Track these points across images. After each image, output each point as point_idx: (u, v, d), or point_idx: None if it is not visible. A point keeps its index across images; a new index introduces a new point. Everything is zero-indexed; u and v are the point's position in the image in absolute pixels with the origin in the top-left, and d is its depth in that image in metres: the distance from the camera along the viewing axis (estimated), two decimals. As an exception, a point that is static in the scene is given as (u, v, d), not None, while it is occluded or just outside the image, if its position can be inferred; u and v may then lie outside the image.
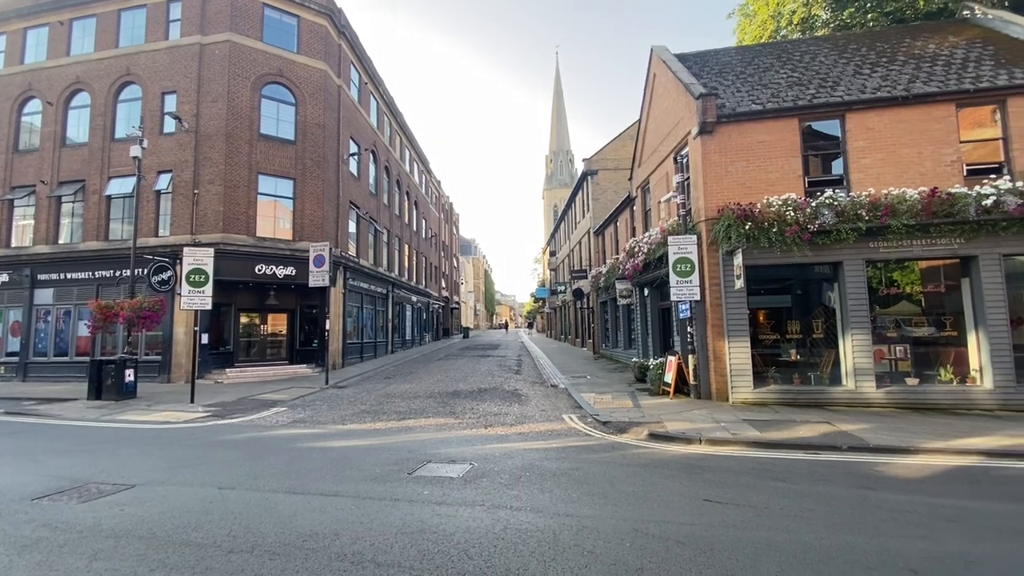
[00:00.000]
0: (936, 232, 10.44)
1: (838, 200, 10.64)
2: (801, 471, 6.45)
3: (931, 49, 12.80)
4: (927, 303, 11.41)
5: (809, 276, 11.98)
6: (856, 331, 10.70)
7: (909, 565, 3.79)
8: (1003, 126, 10.95)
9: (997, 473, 6.36)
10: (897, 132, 11.17)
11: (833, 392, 10.77)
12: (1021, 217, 9.96)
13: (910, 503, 5.24)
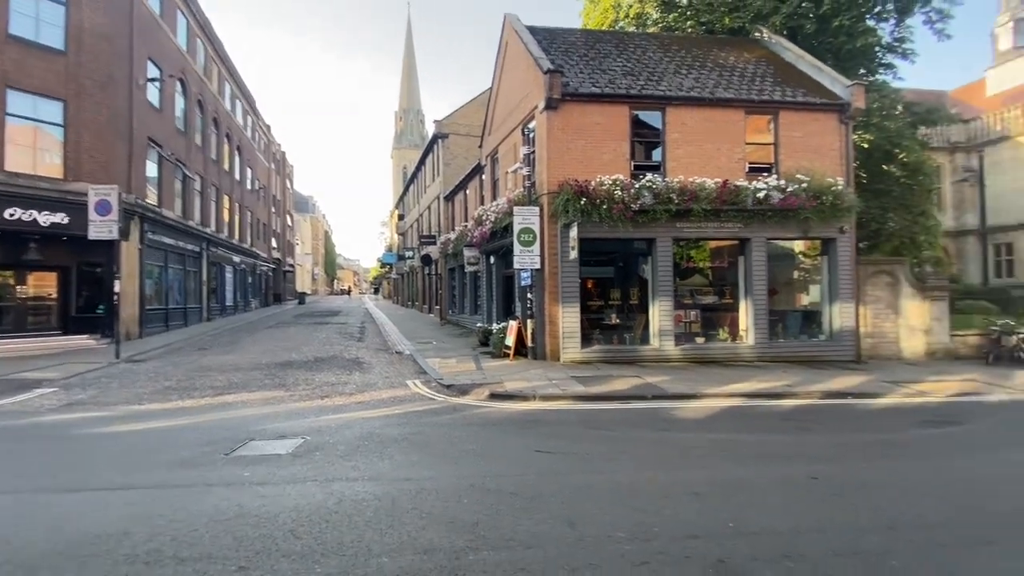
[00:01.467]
0: (725, 217, 12.56)
1: (656, 184, 12.09)
2: (617, 419, 7.38)
3: (731, 61, 15.09)
4: (714, 276, 13.81)
5: (630, 250, 13.53)
6: (662, 299, 12.47)
7: (694, 489, 4.60)
8: (775, 134, 13.51)
9: (754, 411, 8.08)
10: (704, 129, 13.03)
11: (643, 350, 12.48)
12: (782, 209, 12.50)
13: (696, 439, 6.37)
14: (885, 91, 17.54)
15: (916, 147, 17.60)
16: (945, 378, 10.64)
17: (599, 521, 3.86)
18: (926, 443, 6.39)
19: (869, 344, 13.39)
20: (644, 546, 3.48)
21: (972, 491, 4.70)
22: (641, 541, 3.55)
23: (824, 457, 5.69)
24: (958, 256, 26.50)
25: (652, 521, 3.90)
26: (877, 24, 17.95)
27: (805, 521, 3.96)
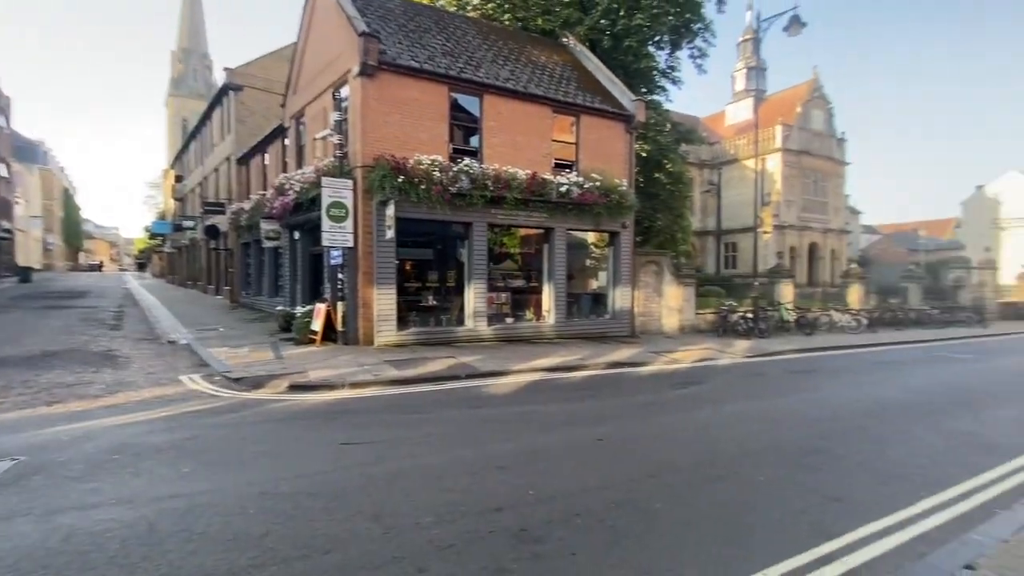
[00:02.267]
0: (533, 207, 13.48)
1: (473, 169, 12.31)
2: (431, 401, 7.34)
3: (543, 60, 16.14)
4: (523, 261, 14.80)
5: (448, 233, 13.60)
6: (477, 282, 12.87)
7: (500, 463, 4.80)
8: (577, 135, 14.95)
9: (554, 383, 8.89)
10: (516, 120, 13.69)
11: (459, 331, 12.74)
12: (580, 203, 13.94)
13: (504, 414, 6.71)
14: (659, 110, 20.90)
15: (679, 160, 21.50)
16: (691, 348, 13.31)
17: (406, 510, 3.74)
18: (679, 401, 7.86)
19: (641, 321, 15.98)
20: (451, 527, 3.48)
21: (708, 437, 5.91)
22: (448, 523, 3.54)
23: (607, 420, 6.54)
24: (701, 251, 33.42)
25: (460, 500, 3.93)
26: (656, 51, 21.19)
27: (592, 479, 4.45)
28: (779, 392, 8.63)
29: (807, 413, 7.09)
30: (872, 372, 10.70)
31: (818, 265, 32.68)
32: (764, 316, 16.97)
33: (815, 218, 32.54)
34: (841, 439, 5.85)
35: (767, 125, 30.34)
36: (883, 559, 3.27)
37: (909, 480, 4.60)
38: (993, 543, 3.30)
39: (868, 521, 3.75)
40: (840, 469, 4.89)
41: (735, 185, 32.39)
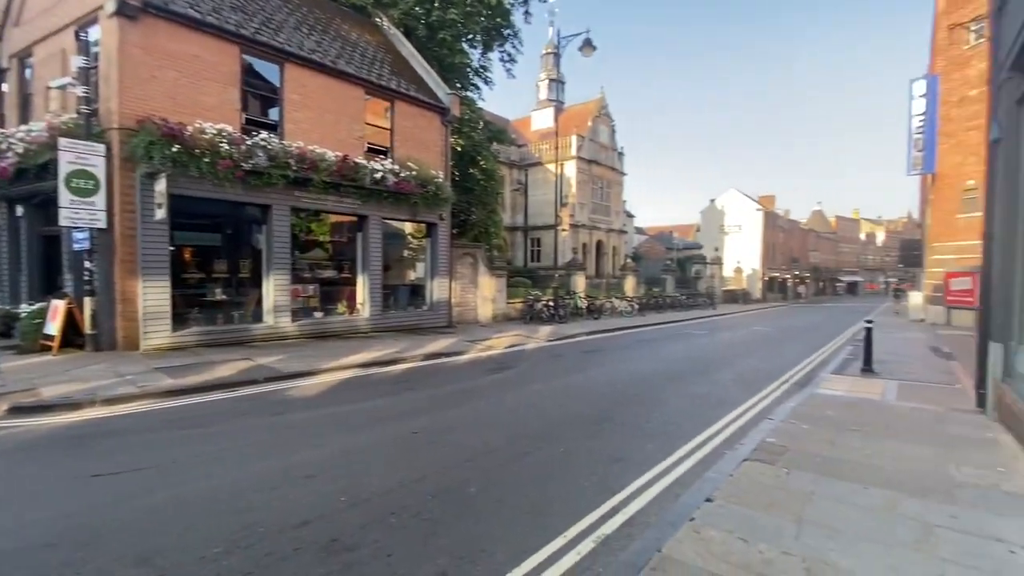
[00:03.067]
0: (344, 192, 12.67)
1: (272, 145, 10.99)
2: (220, 412, 6.35)
3: (354, 37, 15.19)
4: (334, 251, 13.82)
5: (242, 216, 11.89)
6: (278, 272, 11.58)
7: (309, 472, 4.40)
8: (392, 120, 14.50)
9: (369, 379, 8.53)
10: (325, 98, 12.65)
11: (255, 329, 11.30)
12: (396, 192, 13.59)
13: (312, 418, 6.17)
14: (473, 107, 21.60)
15: (491, 158, 22.57)
16: (503, 335, 14.18)
17: (188, 543, 3.16)
18: (492, 386, 8.30)
19: (457, 312, 16.42)
20: (246, 554, 3.06)
21: (518, 417, 6.36)
22: (243, 549, 3.11)
23: (423, 411, 6.54)
24: (512, 245, 35.81)
25: (259, 520, 3.49)
26: (470, 49, 21.80)
27: (408, 474, 4.40)
28: (575, 370, 9.77)
29: (595, 387, 8.18)
30: (641, 348, 12.89)
31: (603, 260, 37.96)
32: (563, 304, 19.05)
33: (601, 219, 37.67)
34: (620, 407, 6.89)
35: (565, 134, 33.90)
36: (652, 504, 3.95)
37: (668, 436, 5.66)
38: (723, 478, 4.27)
39: (641, 475, 4.50)
40: (620, 433, 5.76)
41: (540, 186, 35.48)
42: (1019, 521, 3.51)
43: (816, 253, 64.45)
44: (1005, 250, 5.79)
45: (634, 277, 28.45)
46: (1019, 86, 5.40)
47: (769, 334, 17.32)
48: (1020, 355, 5.57)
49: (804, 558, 3.01)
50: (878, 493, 3.97)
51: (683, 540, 3.20)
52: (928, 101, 18.63)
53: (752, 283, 45.50)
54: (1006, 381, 5.79)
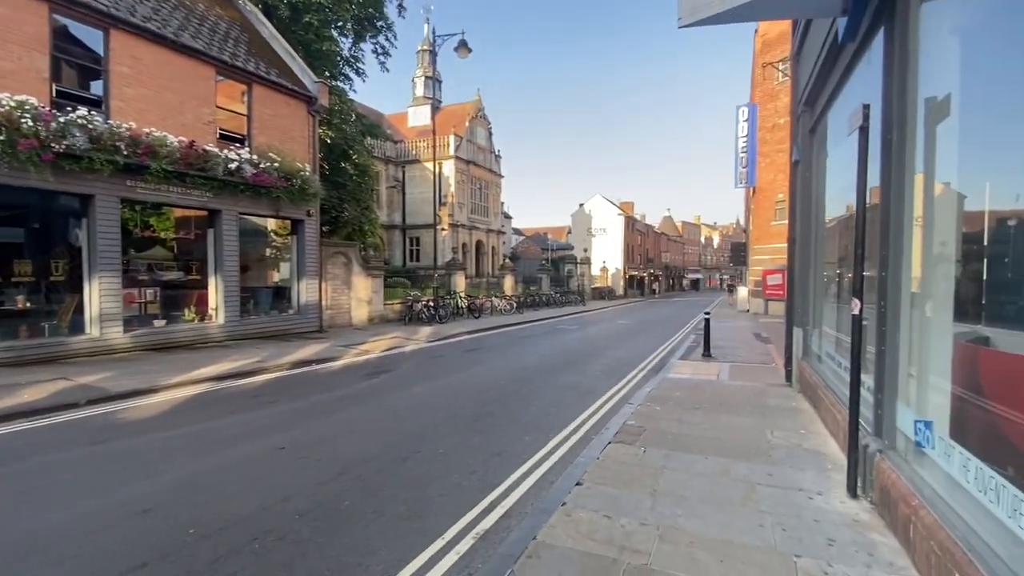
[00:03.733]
0: (192, 183, 11.20)
1: (96, 124, 9.32)
2: (26, 445, 5.22)
3: (201, 9, 13.48)
4: (179, 249, 12.15)
5: (54, 207, 9.90)
6: (106, 274, 9.87)
7: (145, 506, 3.81)
8: (249, 106, 13.15)
9: (224, 393, 7.64)
10: (165, 74, 11.04)
11: (74, 342, 9.49)
12: (255, 184, 12.36)
13: (149, 443, 5.35)
14: (344, 98, 20.49)
15: (365, 153, 21.63)
16: (381, 337, 13.69)
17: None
18: (368, 391, 7.96)
19: (329, 315, 15.46)
20: (63, 612, 2.56)
21: (397, 421, 6.19)
22: (58, 607, 2.60)
23: (291, 424, 6.05)
24: (389, 244, 34.72)
25: (81, 568, 2.94)
26: (340, 37, 20.63)
27: (272, 495, 4.04)
28: (454, 369, 9.80)
29: (477, 385, 8.29)
30: (519, 344, 13.38)
31: (483, 259, 38.61)
32: (443, 304, 18.97)
33: (481, 219, 38.26)
34: (500, 402, 7.08)
35: (443, 133, 33.78)
36: (529, 494, 4.12)
37: (542, 428, 5.95)
38: (591, 461, 4.61)
39: (518, 467, 4.67)
40: (500, 428, 5.92)
41: (418, 184, 34.89)
42: (813, 473, 4.32)
43: (667, 254, 72.54)
44: (803, 252, 7.09)
45: (512, 276, 29.36)
46: (810, 118, 6.63)
47: (630, 327, 19.08)
48: (814, 337, 6.86)
49: (658, 526, 3.38)
50: (715, 461, 4.60)
51: (556, 525, 3.40)
52: (750, 125, 22.02)
53: (616, 281, 49.71)
54: (804, 359, 7.09)
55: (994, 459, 2.47)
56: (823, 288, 6.74)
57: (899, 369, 3.49)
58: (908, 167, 3.41)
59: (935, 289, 3.26)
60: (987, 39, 2.90)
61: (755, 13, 4.08)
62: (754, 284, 25.33)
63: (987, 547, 2.32)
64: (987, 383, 2.78)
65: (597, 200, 55.02)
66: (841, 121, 4.93)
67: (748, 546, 3.13)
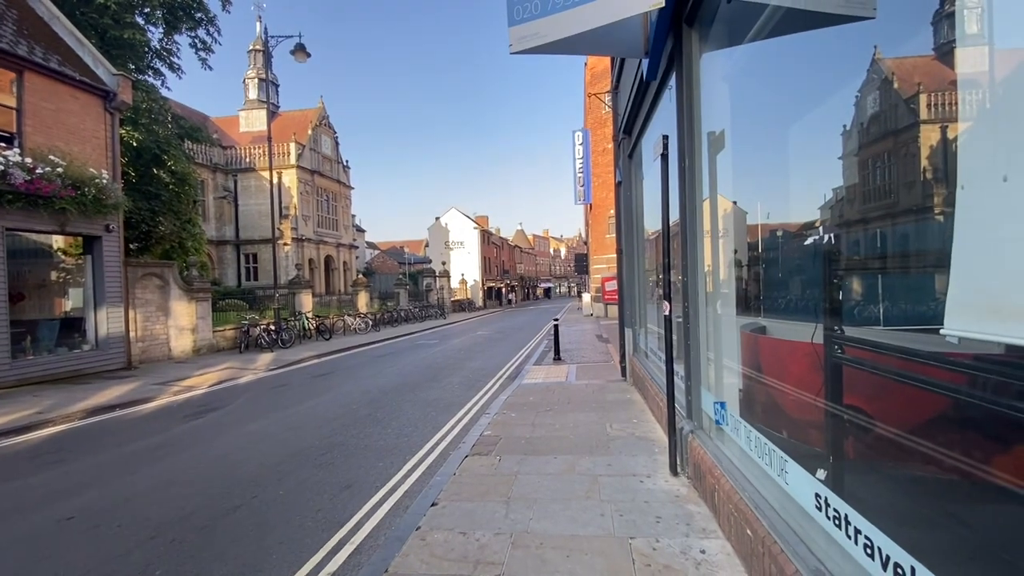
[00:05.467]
0: (-75, 190, 8.62)
1: None
2: None
3: (-64, -31, 10.55)
4: (-94, 276, 9.22)
5: None
6: None
7: None
8: (19, 98, 10.62)
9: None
10: None
11: None
12: (30, 193, 9.98)
13: None
14: (155, 95, 17.71)
15: (183, 158, 18.89)
16: (209, 370, 11.97)
17: None
18: (191, 434, 6.86)
19: (140, 348, 13.08)
20: None
21: (227, 466, 5.42)
22: None
23: (82, 488, 4.92)
24: (219, 262, 30.74)
25: None
26: (147, 26, 17.82)
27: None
28: (300, 399, 8.98)
29: (325, 413, 7.68)
30: (376, 364, 12.80)
31: (333, 276, 36.30)
32: (287, 327, 17.34)
33: (329, 233, 35.99)
34: (352, 430, 6.66)
35: (282, 140, 31.16)
36: (382, 523, 3.92)
37: (399, 450, 5.73)
38: (447, 478, 4.55)
39: (370, 497, 4.42)
40: (351, 457, 5.55)
41: (253, 194, 31.56)
42: (644, 457, 4.84)
43: (521, 265, 76.34)
44: (629, 261, 8.00)
45: (367, 292, 28.09)
46: (628, 144, 7.55)
47: (489, 336, 19.56)
48: (641, 336, 7.75)
49: (511, 533, 3.46)
50: (563, 459, 4.89)
51: (409, 552, 3.27)
52: (584, 148, 24.33)
53: (475, 293, 50.68)
54: (635, 355, 7.98)
55: (771, 426, 3.02)
56: (646, 292, 7.67)
57: (701, 359, 4.10)
58: (698, 189, 4.05)
59: (725, 289, 3.91)
60: (745, 84, 3.59)
61: (571, 48, 4.51)
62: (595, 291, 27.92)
63: (765, 502, 2.82)
64: (764, 364, 3.40)
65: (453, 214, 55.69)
66: (651, 148, 5.69)
67: (591, 536, 3.37)
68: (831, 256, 2.49)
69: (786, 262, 3.25)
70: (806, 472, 2.44)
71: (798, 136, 2.96)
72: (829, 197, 2.58)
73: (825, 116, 2.61)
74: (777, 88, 3.23)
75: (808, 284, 2.96)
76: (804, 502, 2.43)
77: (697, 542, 3.24)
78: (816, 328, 2.58)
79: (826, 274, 2.54)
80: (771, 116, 3.29)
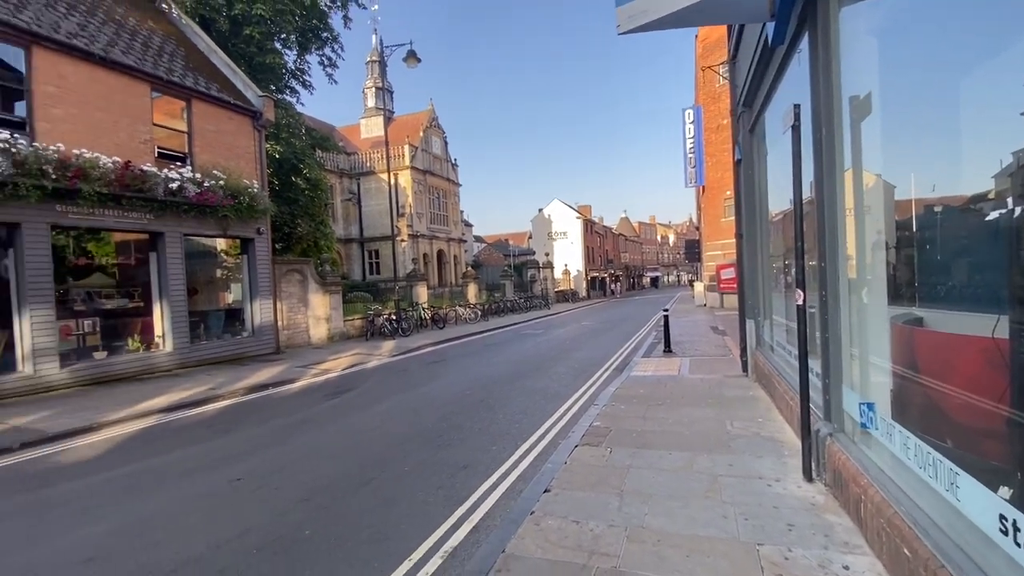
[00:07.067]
0: (129, 205, 10.62)
1: (20, 148, 8.71)
2: (-59, 500, 4.76)
3: (132, 23, 12.86)
4: (120, 275, 11.49)
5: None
6: (37, 306, 9.20)
7: (87, 554, 3.54)
8: (189, 123, 12.61)
9: (173, 426, 7.24)
10: (94, 92, 10.45)
11: (5, 382, 8.79)
12: (200, 204, 11.84)
13: (93, 484, 4.99)
14: (292, 112, 19.97)
15: (315, 166, 21.10)
16: (341, 355, 13.33)
17: None
18: (330, 412, 7.71)
19: (286, 335, 14.95)
20: None
21: (360, 442, 6.02)
22: None
23: (247, 454, 5.78)
24: (347, 258, 33.99)
25: (8, 635, 2.69)
26: (284, 50, 20.12)
27: (228, 530, 3.83)
28: (419, 383, 9.63)
29: (441, 397, 8.17)
30: (485, 353, 13.31)
31: (445, 269, 38.33)
32: (405, 316, 18.68)
33: (440, 229, 38.02)
34: (466, 414, 7.00)
35: (396, 143, 33.44)
36: (497, 506, 4.07)
37: (509, 436, 5.91)
38: (559, 467, 4.60)
39: (486, 479, 4.61)
40: (467, 440, 5.84)
41: (374, 196, 34.35)
42: (772, 460, 4.46)
43: (626, 254, 74.17)
44: (750, 246, 7.37)
45: (476, 284, 29.25)
46: (749, 118, 6.92)
47: (594, 327, 19.33)
48: (766, 328, 7.13)
49: (626, 527, 3.40)
50: (679, 455, 4.69)
51: (525, 535, 3.36)
52: (695, 127, 22.83)
53: (578, 283, 50.36)
54: (758, 349, 7.36)
55: (932, 433, 2.62)
56: (771, 280, 7.02)
57: (842, 354, 3.66)
58: (838, 162, 3.59)
59: (870, 275, 3.44)
60: (900, 39, 3.10)
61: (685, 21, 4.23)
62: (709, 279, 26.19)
63: (928, 519, 2.44)
64: (922, 361, 2.94)
65: (556, 205, 55.69)
66: (777, 120, 5.17)
67: (713, 538, 3.19)
68: (1020, 234, 2.06)
69: (949, 242, 2.76)
70: (986, 489, 2.07)
71: (970, 92, 2.49)
72: (1008, 163, 2.13)
73: (1006, 66, 2.16)
74: (941, 37, 2.74)
75: (981, 268, 2.49)
76: (984, 523, 2.07)
77: (839, 556, 2.92)
78: (998, 321, 2.16)
79: (1011, 255, 2.12)
80: (933, 72, 2.80)
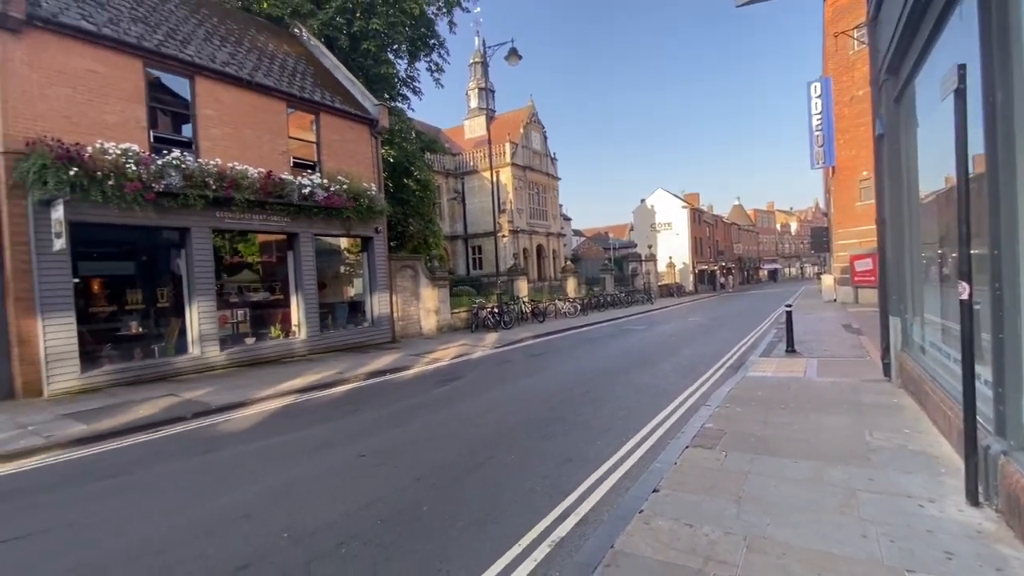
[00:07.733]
0: (271, 209, 12.09)
1: (187, 164, 10.31)
2: (142, 456, 5.83)
3: (271, 48, 14.59)
4: (264, 271, 13.17)
5: (157, 241, 11.06)
6: (202, 298, 10.85)
7: (245, 511, 4.12)
8: (317, 134, 14.02)
9: (308, 404, 8.15)
10: (243, 112, 12.03)
11: (179, 362, 10.51)
12: (327, 206, 13.13)
13: (246, 452, 5.80)
14: (403, 117, 21.31)
15: (425, 168, 22.35)
16: (449, 345, 14.03)
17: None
18: (441, 398, 8.17)
19: (400, 326, 16.07)
20: (179, 609, 2.82)
21: (470, 428, 6.30)
22: (175, 604, 2.86)
23: (369, 433, 6.33)
24: (452, 254, 35.63)
25: (191, 571, 3.23)
26: (395, 59, 21.53)
27: (356, 500, 4.23)
28: (522, 375, 9.83)
29: (545, 389, 8.26)
30: (586, 347, 13.19)
31: (544, 263, 38.59)
32: (507, 310, 19.14)
33: (540, 223, 38.32)
34: (569, 406, 7.01)
35: (498, 141, 34.24)
36: (603, 500, 4.03)
37: (614, 432, 5.81)
38: (668, 467, 4.43)
39: (591, 473, 4.58)
40: (570, 433, 5.85)
41: (477, 194, 35.58)
42: (923, 477, 3.89)
43: (739, 245, 68.81)
44: (895, 233, 6.44)
45: (575, 278, 29.08)
46: (895, 86, 6.04)
47: (703, 323, 18.25)
48: (915, 327, 6.21)
49: (745, 535, 3.18)
50: (806, 465, 4.27)
51: (634, 533, 3.29)
52: (824, 101, 20.44)
53: (684, 276, 47.82)
54: (904, 351, 6.43)
55: None
56: (922, 271, 6.09)
57: (1021, 358, 3.06)
58: (1019, 130, 3.00)
59: (1064, 265, 2.84)
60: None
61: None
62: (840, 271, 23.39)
63: None
64: None
65: (659, 194, 53.30)
66: (931, 86, 4.46)
67: (850, 558, 2.87)
68: None
69: None
70: None
71: None
72: None
73: None
74: None
75: None
76: None
77: (1018, 597, 2.47)
78: None
79: None
80: None
